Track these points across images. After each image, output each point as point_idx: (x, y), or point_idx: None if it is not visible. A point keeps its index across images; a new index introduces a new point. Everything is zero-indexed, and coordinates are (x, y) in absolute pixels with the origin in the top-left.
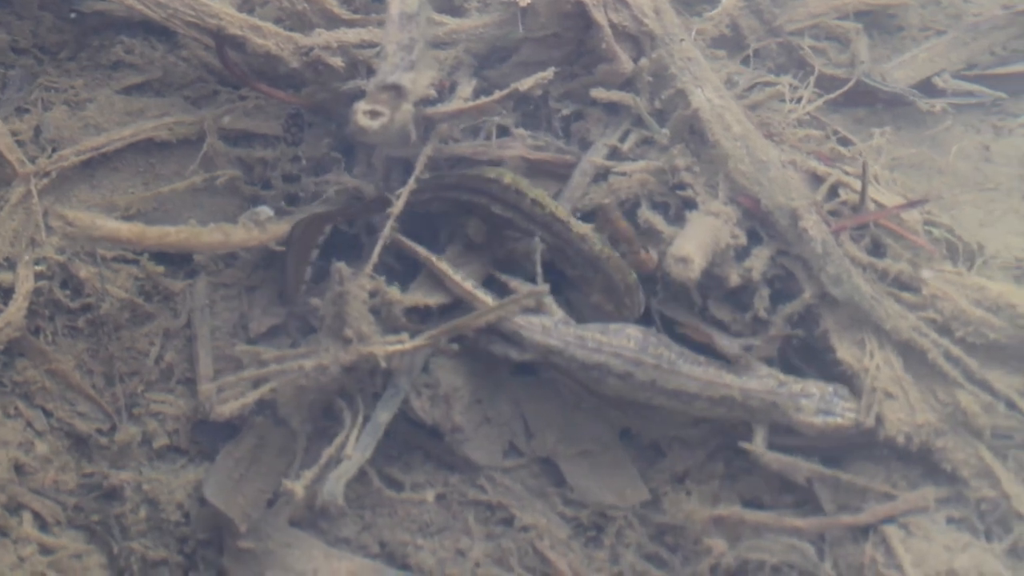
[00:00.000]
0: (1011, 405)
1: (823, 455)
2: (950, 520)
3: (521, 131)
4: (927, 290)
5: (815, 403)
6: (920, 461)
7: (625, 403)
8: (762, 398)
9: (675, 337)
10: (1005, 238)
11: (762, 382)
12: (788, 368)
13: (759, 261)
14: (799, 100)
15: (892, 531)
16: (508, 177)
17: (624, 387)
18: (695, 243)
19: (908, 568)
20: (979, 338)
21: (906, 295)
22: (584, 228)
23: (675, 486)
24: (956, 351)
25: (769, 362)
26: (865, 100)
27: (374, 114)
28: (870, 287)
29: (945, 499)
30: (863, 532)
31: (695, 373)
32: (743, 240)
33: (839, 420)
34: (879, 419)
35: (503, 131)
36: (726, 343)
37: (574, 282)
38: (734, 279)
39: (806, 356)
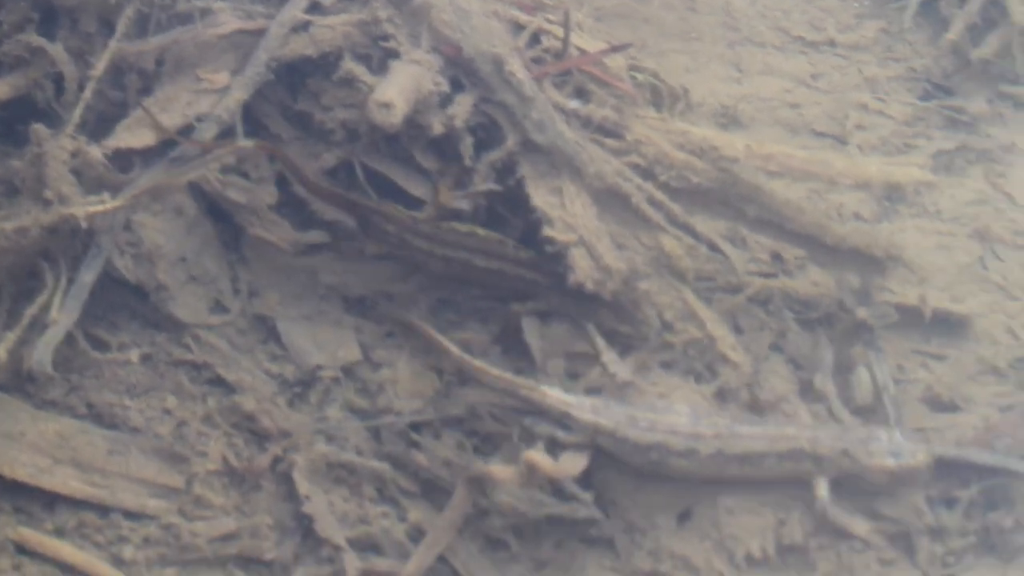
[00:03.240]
0: (713, 248)
1: None
2: (662, 364)
3: (222, 4)
4: (631, 135)
5: (886, 446)
6: (618, 310)
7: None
8: (831, 445)
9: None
10: (710, 84)
11: (828, 429)
12: (493, 220)
13: (462, 108)
14: None
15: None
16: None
17: (690, 465)
18: (397, 89)
19: None
20: (682, 182)
21: (610, 141)
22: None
23: (385, 340)
24: (659, 195)
25: (474, 216)
26: None
27: None
28: (573, 133)
29: (656, 345)
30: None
31: (757, 432)
32: (446, 88)
33: (912, 461)
34: (569, 266)
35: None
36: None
37: None
38: (437, 127)
39: (510, 206)
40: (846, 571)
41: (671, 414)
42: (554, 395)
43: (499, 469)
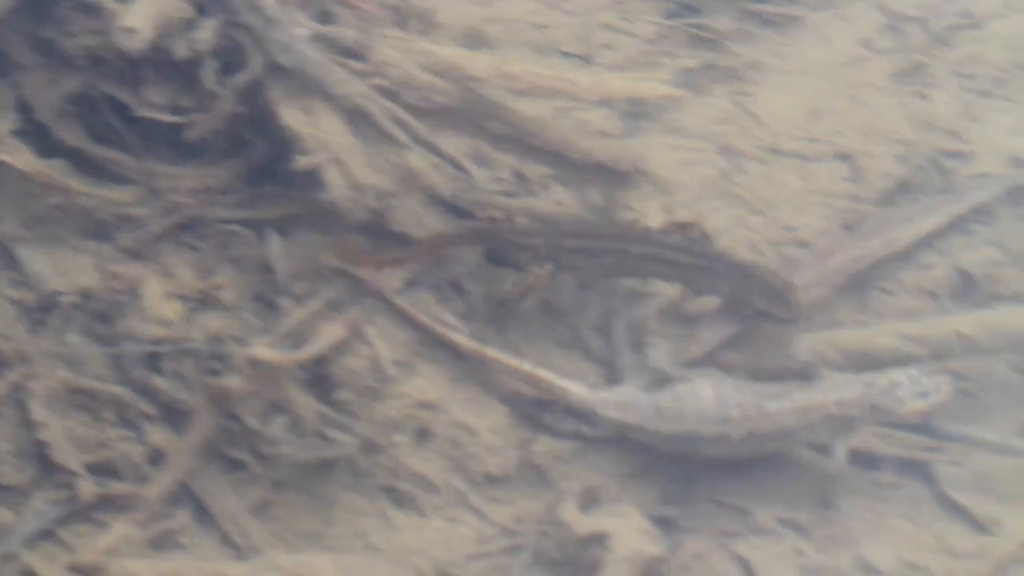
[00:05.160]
0: (457, 166)
1: None
2: (411, 284)
3: None
4: (376, 56)
5: (910, 390)
6: (368, 228)
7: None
8: (859, 404)
9: None
10: (457, 6)
11: (852, 388)
12: (238, 144)
13: (206, 32)
14: None
15: None
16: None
17: (723, 450)
18: (142, 15)
19: None
20: (427, 102)
21: (355, 63)
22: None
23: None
24: (404, 115)
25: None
26: None
27: None
28: (319, 55)
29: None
30: None
31: (785, 406)
32: (191, 13)
33: (940, 396)
34: (322, 183)
35: None
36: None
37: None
38: (182, 51)
39: (256, 129)
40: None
41: (697, 400)
42: (577, 391)
43: (231, 380)
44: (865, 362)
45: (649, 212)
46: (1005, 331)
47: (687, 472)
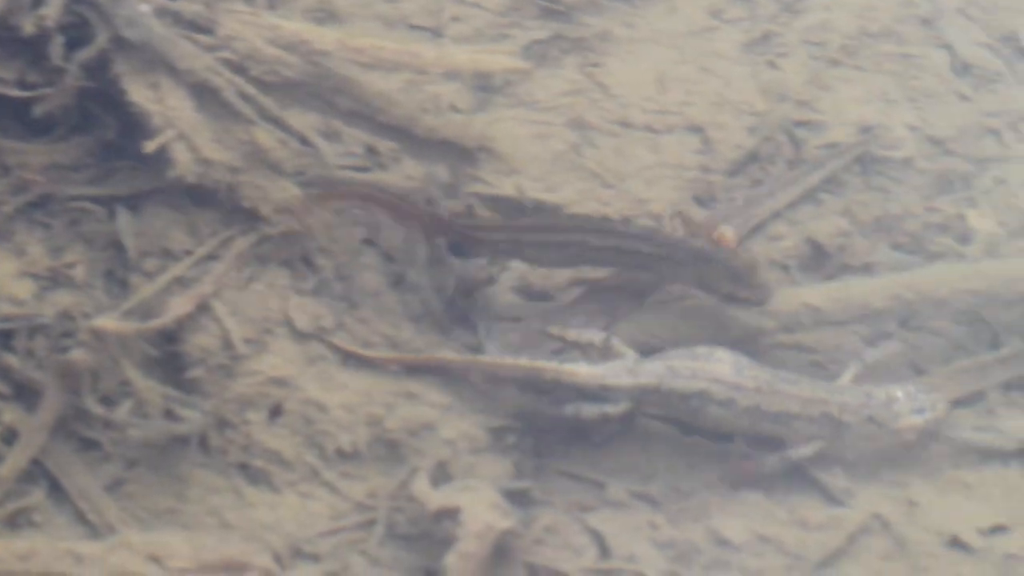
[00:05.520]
0: (304, 141)
1: None
2: (261, 260)
3: None
4: (222, 30)
5: (907, 406)
6: (217, 204)
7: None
8: (859, 412)
9: None
10: None
11: (855, 394)
12: (87, 120)
13: (53, 8)
14: None
15: None
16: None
17: (726, 415)
18: None
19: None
20: (274, 76)
21: (202, 36)
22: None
23: None
24: (251, 90)
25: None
26: None
27: None
28: (165, 29)
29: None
30: None
31: (794, 391)
32: None
33: (936, 413)
34: (170, 160)
35: None
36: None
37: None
38: (29, 27)
39: (104, 105)
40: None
41: (714, 362)
42: (585, 371)
43: (76, 354)
44: (719, 336)
45: (500, 186)
46: (854, 303)
47: (541, 446)
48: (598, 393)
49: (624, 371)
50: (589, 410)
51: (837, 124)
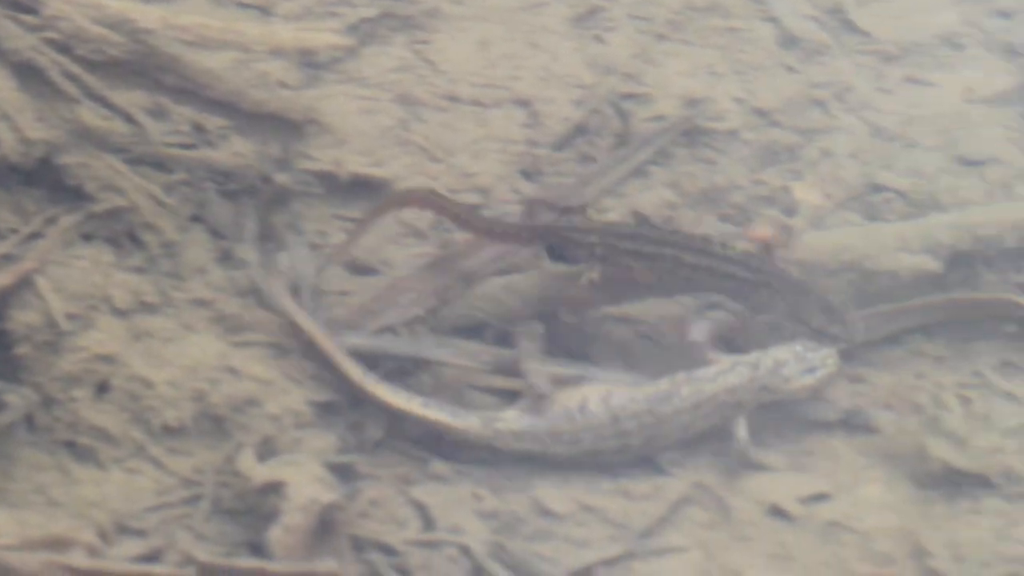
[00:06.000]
0: (130, 119)
1: None
2: (87, 237)
3: None
4: (47, 10)
5: (796, 367)
6: (43, 181)
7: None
8: (749, 387)
9: None
10: None
11: (737, 372)
12: None
13: None
14: None
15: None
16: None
17: (628, 455)
18: None
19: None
20: (100, 55)
21: (26, 16)
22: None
23: None
24: (76, 69)
25: None
26: None
27: None
28: None
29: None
30: None
31: (677, 406)
32: None
33: (828, 370)
34: None
35: None
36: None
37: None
38: None
39: None
40: None
41: (589, 418)
42: (475, 427)
43: None
44: (539, 307)
45: (326, 160)
46: None
47: (366, 421)
48: (483, 448)
49: (511, 435)
50: (470, 454)
51: (663, 97)
